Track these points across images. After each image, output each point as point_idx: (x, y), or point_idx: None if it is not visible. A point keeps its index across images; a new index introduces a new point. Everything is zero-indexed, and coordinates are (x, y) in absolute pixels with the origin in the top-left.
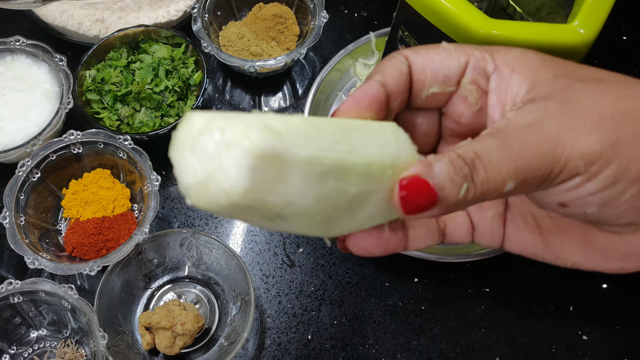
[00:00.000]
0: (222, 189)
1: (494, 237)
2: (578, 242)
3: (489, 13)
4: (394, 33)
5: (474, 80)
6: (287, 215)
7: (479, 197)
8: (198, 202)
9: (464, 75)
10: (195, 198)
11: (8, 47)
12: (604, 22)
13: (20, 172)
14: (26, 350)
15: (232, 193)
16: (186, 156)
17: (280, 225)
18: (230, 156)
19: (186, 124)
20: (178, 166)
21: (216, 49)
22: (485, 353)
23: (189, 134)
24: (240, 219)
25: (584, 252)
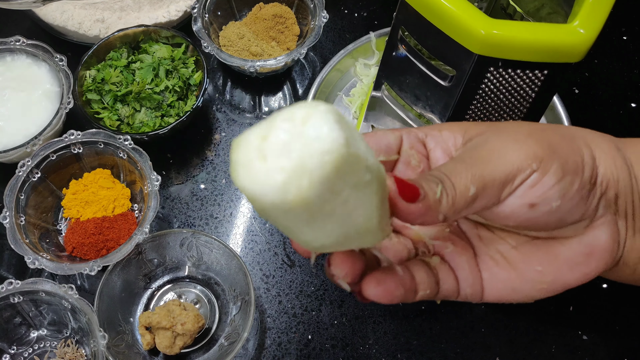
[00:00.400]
0: (323, 151)
1: (475, 284)
2: (544, 259)
3: (489, 13)
4: (394, 33)
5: (412, 145)
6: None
7: (451, 204)
8: (300, 191)
9: (402, 145)
10: (295, 191)
11: (8, 47)
12: (604, 22)
13: (20, 172)
14: (26, 350)
15: (335, 148)
16: (259, 167)
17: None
18: (312, 124)
19: (241, 145)
20: (254, 183)
21: (216, 49)
22: (485, 353)
23: (250, 149)
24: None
25: (553, 269)
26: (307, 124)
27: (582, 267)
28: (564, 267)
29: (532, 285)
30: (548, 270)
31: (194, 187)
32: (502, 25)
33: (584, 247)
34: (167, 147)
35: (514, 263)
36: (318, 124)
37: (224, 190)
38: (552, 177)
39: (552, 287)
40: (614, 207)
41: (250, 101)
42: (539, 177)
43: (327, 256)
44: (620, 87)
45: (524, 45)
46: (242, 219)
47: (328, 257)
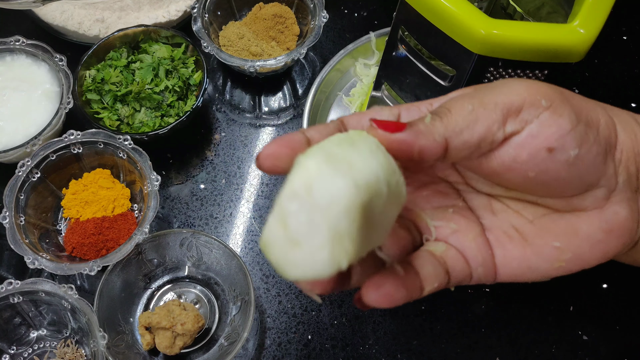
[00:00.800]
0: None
1: (486, 261)
2: (562, 235)
3: (489, 13)
4: (394, 33)
5: None
6: None
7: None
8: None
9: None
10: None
11: (8, 47)
12: (604, 22)
13: (20, 172)
14: (26, 350)
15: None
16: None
17: None
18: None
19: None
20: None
21: (216, 49)
22: (486, 353)
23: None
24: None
25: (572, 245)
26: (313, 194)
27: (602, 245)
28: (584, 244)
29: (549, 263)
30: (567, 247)
31: (193, 187)
32: (502, 25)
33: (604, 223)
34: (167, 147)
35: (530, 238)
36: (323, 189)
37: (224, 190)
38: (567, 120)
39: (570, 266)
40: (635, 183)
41: (250, 101)
42: (552, 117)
43: None
44: (621, 87)
45: (524, 45)
46: (242, 219)
47: None
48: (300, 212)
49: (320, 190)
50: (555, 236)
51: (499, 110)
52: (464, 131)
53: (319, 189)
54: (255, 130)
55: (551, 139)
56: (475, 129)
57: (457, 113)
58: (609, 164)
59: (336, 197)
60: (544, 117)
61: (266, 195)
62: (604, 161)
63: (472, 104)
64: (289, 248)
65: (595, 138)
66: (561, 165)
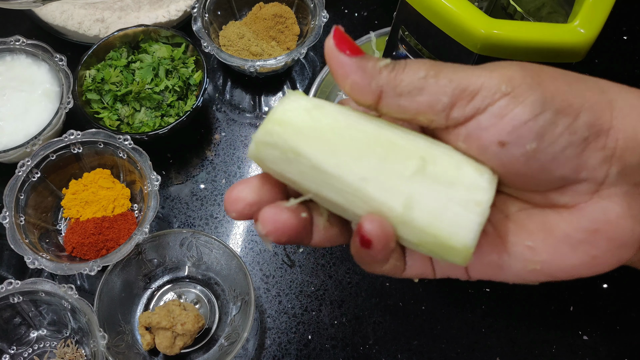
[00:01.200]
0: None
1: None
2: (537, 233)
3: (489, 13)
4: (394, 33)
5: None
6: None
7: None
8: None
9: None
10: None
11: (8, 47)
12: (604, 22)
13: (20, 172)
14: (26, 350)
15: None
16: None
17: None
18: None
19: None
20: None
21: (216, 49)
22: (486, 353)
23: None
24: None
25: (548, 246)
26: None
27: (586, 246)
28: (562, 245)
29: (522, 263)
30: (541, 247)
31: (193, 187)
32: (502, 25)
33: (588, 222)
34: (167, 147)
35: (503, 235)
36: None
37: (224, 190)
38: (527, 109)
39: (547, 269)
40: (636, 176)
41: (250, 101)
42: (508, 106)
43: None
44: None
45: (524, 45)
46: None
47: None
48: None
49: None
50: (529, 234)
51: (450, 89)
52: (403, 95)
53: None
54: (255, 130)
55: (502, 131)
56: (415, 99)
57: (408, 73)
58: (590, 154)
59: None
60: (498, 106)
61: None
62: (580, 152)
63: (428, 71)
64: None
65: (567, 126)
66: (517, 159)
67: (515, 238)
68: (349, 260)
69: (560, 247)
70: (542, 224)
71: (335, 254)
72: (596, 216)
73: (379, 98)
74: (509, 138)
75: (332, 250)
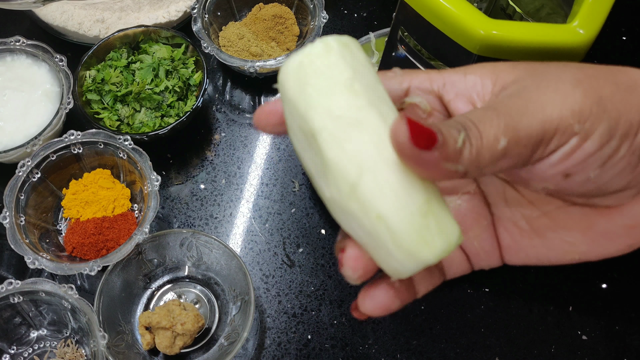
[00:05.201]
0: None
1: (489, 255)
2: (578, 230)
3: (489, 13)
4: (394, 33)
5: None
6: None
7: (474, 157)
8: None
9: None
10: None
11: (8, 47)
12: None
13: (20, 172)
14: (26, 350)
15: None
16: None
17: None
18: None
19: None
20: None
21: (216, 49)
22: (485, 353)
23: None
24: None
25: (588, 240)
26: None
27: (624, 239)
28: (601, 238)
29: (561, 255)
30: (581, 242)
31: (193, 187)
32: (502, 25)
33: (628, 219)
34: (167, 147)
35: (542, 231)
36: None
37: (224, 191)
38: (596, 142)
39: (585, 257)
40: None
41: (250, 101)
42: (579, 143)
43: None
44: None
45: (523, 46)
46: (242, 219)
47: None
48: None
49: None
50: (569, 231)
51: (530, 148)
52: (487, 167)
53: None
54: (255, 131)
55: (569, 165)
56: (499, 165)
57: (488, 145)
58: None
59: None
60: (569, 145)
61: (266, 196)
62: (634, 167)
63: (506, 135)
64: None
65: (628, 148)
66: (577, 184)
67: (553, 234)
68: None
69: (599, 240)
70: (581, 221)
71: (335, 254)
72: (636, 214)
73: (464, 176)
74: (573, 170)
75: (332, 251)
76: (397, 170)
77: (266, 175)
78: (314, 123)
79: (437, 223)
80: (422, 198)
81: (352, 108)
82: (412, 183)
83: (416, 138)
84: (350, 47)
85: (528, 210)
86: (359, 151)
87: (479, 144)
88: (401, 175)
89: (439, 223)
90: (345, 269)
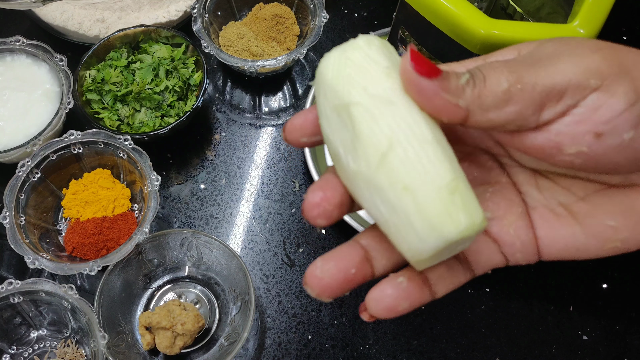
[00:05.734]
0: None
1: (526, 245)
2: (620, 213)
3: (489, 13)
4: (394, 33)
5: None
6: None
7: (476, 95)
8: None
9: None
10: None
11: (8, 47)
12: (604, 22)
13: (20, 172)
14: (26, 350)
15: None
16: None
17: None
18: None
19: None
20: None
21: (216, 49)
22: (485, 353)
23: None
24: None
25: (630, 222)
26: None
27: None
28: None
29: (601, 243)
30: (624, 226)
31: (194, 187)
32: (502, 25)
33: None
34: (167, 147)
35: (580, 217)
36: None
37: (224, 190)
38: (622, 99)
39: (626, 246)
40: None
41: (250, 101)
42: (602, 98)
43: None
44: None
45: None
46: (242, 219)
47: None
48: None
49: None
50: (610, 214)
51: (537, 94)
52: (490, 110)
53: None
54: (256, 131)
55: (599, 123)
56: (504, 110)
57: (490, 86)
58: None
59: None
60: (591, 100)
61: (266, 196)
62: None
63: (509, 80)
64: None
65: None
66: (613, 149)
67: (594, 219)
68: None
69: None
70: (622, 203)
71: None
72: None
73: (467, 115)
74: (605, 128)
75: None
76: (427, 147)
77: (266, 175)
78: (351, 98)
79: (462, 201)
80: (450, 176)
81: (387, 90)
82: (442, 161)
83: (419, 66)
84: (388, 47)
85: (564, 196)
86: (392, 126)
87: (481, 85)
88: (431, 152)
89: (464, 202)
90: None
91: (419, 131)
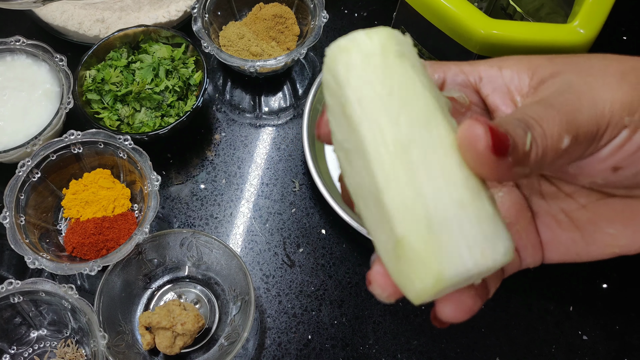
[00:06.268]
0: None
1: (535, 249)
2: (620, 222)
3: (489, 13)
4: None
5: (455, 94)
6: None
7: (540, 157)
8: None
9: (443, 88)
10: None
11: (8, 47)
12: (604, 22)
13: (20, 172)
14: (26, 350)
15: None
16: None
17: None
18: None
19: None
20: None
21: (216, 49)
22: (485, 353)
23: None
24: None
25: (630, 232)
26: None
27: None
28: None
29: (601, 249)
30: (623, 234)
31: (194, 187)
32: (502, 25)
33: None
34: (167, 147)
35: (581, 224)
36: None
37: (224, 190)
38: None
39: (625, 250)
40: None
41: (250, 101)
42: (629, 135)
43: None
44: None
45: (523, 46)
46: (242, 219)
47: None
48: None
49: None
50: (610, 223)
51: (587, 143)
52: (549, 164)
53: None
54: (256, 130)
55: (620, 159)
56: (558, 162)
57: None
58: None
59: None
60: (619, 138)
61: (266, 195)
62: None
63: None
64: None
65: None
66: (625, 178)
67: (594, 227)
68: (349, 260)
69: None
70: (623, 212)
71: (335, 254)
72: None
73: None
74: (623, 163)
75: (332, 250)
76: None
77: (266, 175)
78: (352, 95)
79: (486, 230)
80: (468, 196)
81: (394, 88)
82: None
83: (496, 146)
84: (398, 37)
85: (566, 203)
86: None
87: (544, 144)
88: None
89: (487, 230)
90: (373, 287)
91: (435, 140)
